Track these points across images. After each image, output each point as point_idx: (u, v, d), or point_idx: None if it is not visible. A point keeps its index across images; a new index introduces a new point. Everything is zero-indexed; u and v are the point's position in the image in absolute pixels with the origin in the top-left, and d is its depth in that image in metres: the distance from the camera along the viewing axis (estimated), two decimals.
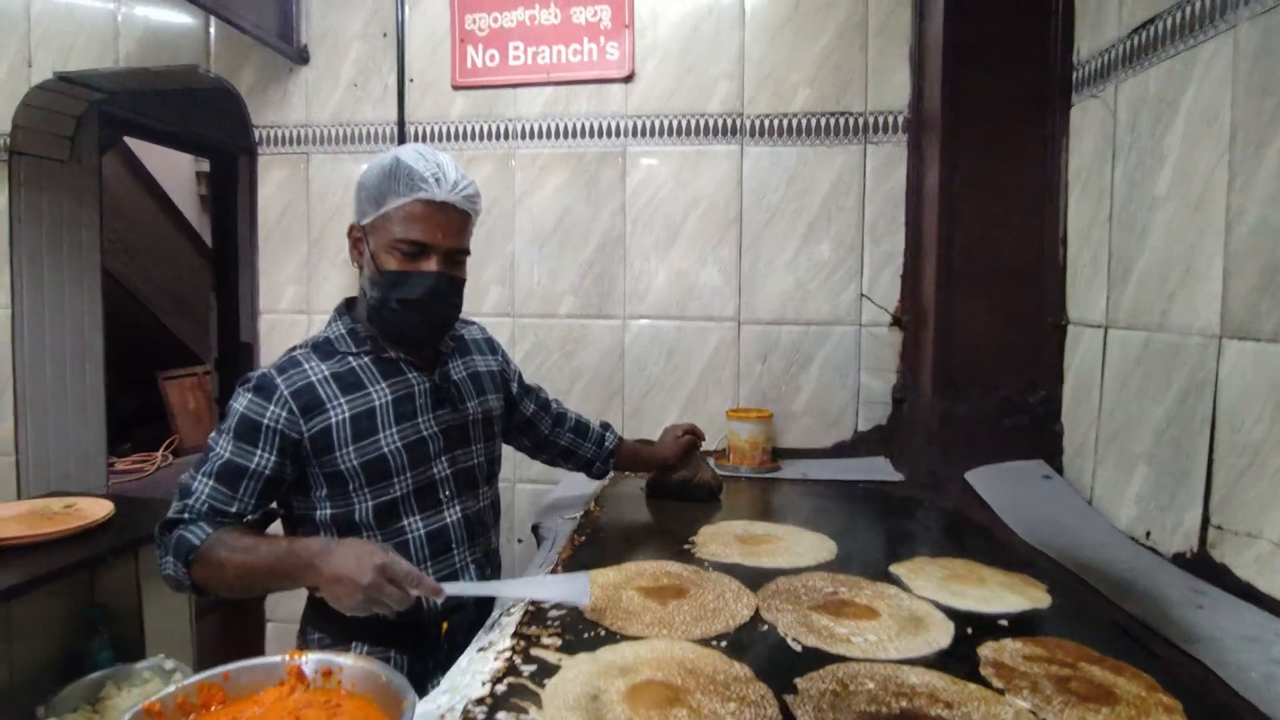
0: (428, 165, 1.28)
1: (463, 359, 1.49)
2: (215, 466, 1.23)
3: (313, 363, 1.31)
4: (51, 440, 2.93)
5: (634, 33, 2.36)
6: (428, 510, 1.35)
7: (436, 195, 1.27)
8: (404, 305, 1.29)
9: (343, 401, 1.29)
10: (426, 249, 1.29)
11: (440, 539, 1.36)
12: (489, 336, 1.63)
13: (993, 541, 1.53)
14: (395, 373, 1.36)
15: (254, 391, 1.27)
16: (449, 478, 1.38)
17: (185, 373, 6.41)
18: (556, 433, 1.74)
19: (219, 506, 1.22)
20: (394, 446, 1.31)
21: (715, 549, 1.42)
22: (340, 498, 1.30)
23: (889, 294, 2.28)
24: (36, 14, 2.69)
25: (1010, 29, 1.91)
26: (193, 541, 1.17)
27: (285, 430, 1.25)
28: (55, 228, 2.95)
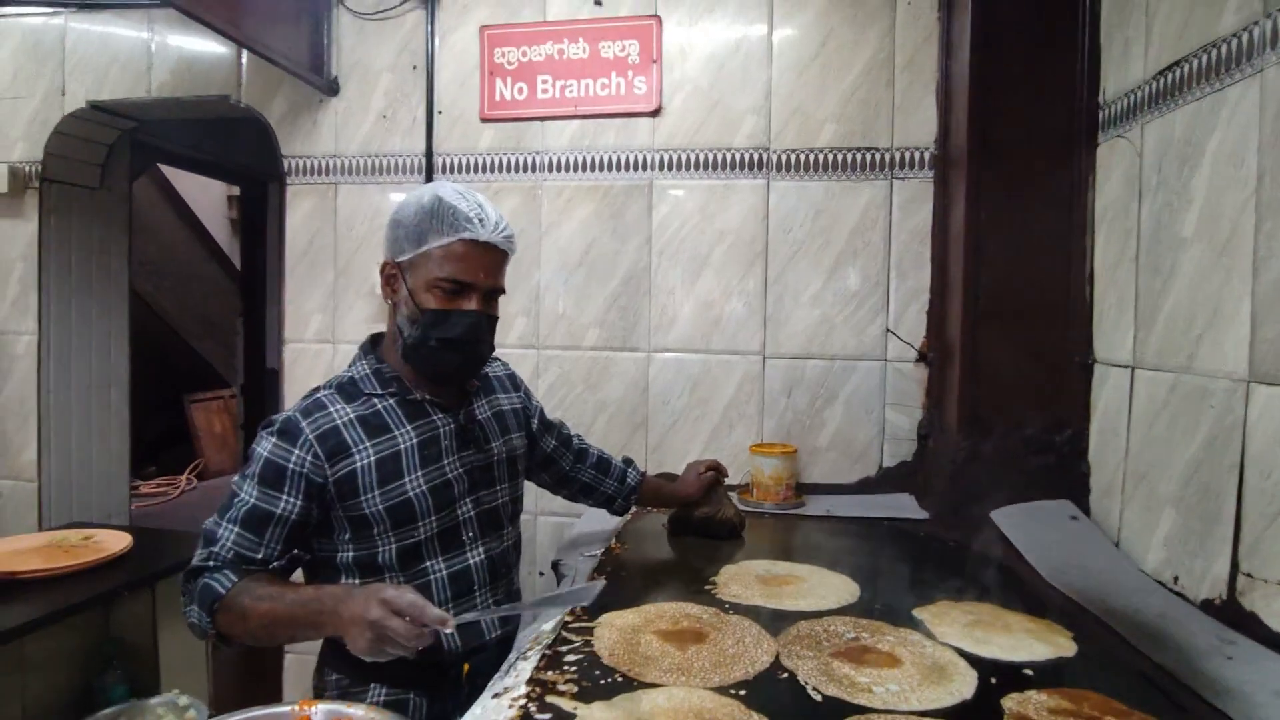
0: (470, 205, 1.32)
1: (487, 398, 1.52)
2: (240, 512, 1.25)
3: (338, 405, 1.34)
4: (74, 466, 3.02)
5: (662, 68, 2.44)
6: (450, 552, 1.38)
7: (480, 235, 1.31)
8: (444, 344, 1.33)
9: (368, 445, 1.31)
10: (468, 288, 1.32)
11: (463, 580, 1.39)
12: (511, 373, 1.67)
13: (1019, 584, 1.55)
14: (420, 415, 1.38)
15: (279, 435, 1.29)
16: (473, 519, 1.41)
17: (211, 396, 6.54)
18: (578, 469, 1.77)
19: (244, 553, 1.24)
20: (419, 490, 1.33)
21: (736, 590, 1.45)
22: (364, 541, 1.32)
23: (915, 330, 2.32)
24: (72, 44, 2.82)
25: (1036, 67, 1.96)
26: (217, 590, 1.19)
27: (310, 475, 1.27)
28: (85, 254, 3.06)
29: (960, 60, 2.08)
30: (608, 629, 1.24)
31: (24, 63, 2.85)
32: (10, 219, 2.85)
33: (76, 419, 3.03)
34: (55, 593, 1.76)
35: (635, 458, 2.32)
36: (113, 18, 2.78)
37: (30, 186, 2.84)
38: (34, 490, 2.86)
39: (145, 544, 2.07)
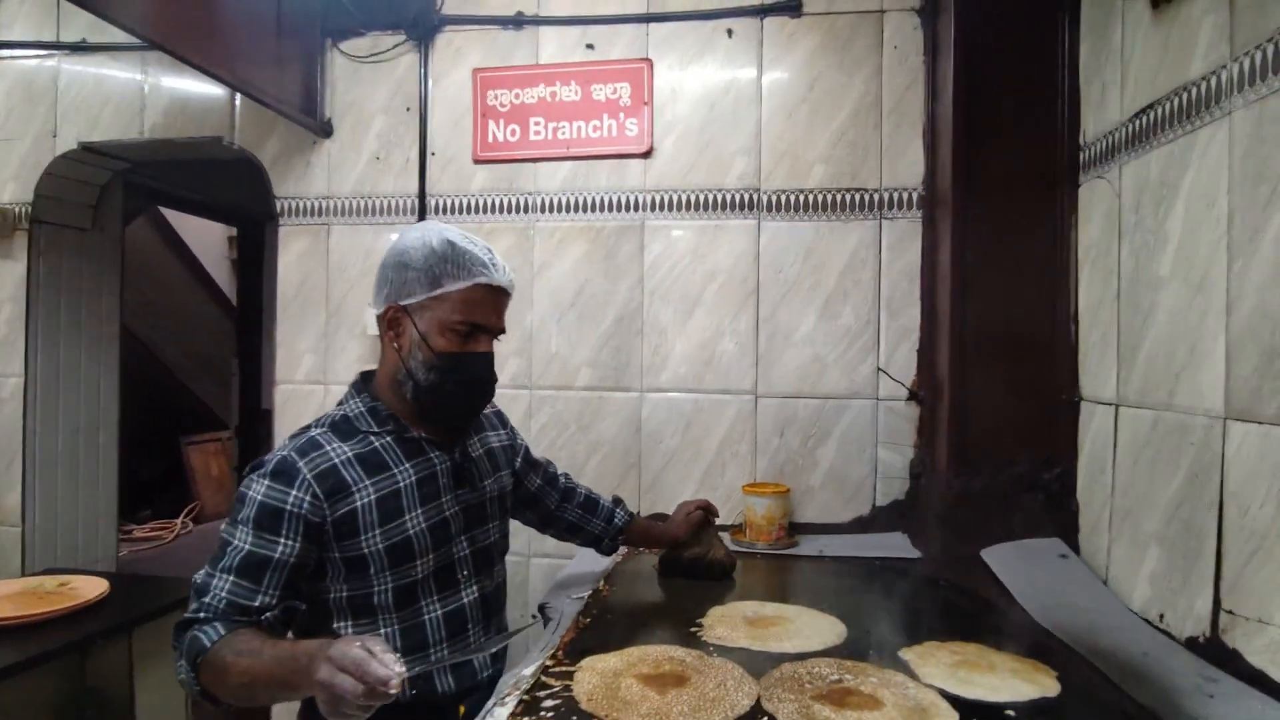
0: (481, 249, 1.39)
1: (478, 435, 1.57)
2: (235, 560, 1.23)
3: (334, 444, 1.35)
4: (60, 511, 3.05)
5: (653, 109, 2.53)
6: (445, 591, 1.41)
7: (495, 279, 1.38)
8: (462, 385, 1.39)
9: (369, 484, 1.33)
10: (482, 330, 1.40)
11: (457, 619, 1.42)
12: (499, 410, 1.72)
13: (1007, 624, 1.58)
14: (418, 452, 1.41)
15: (272, 477, 1.28)
16: (467, 558, 1.45)
17: (209, 438, 6.56)
18: (564, 508, 1.81)
19: (240, 602, 1.21)
20: (419, 528, 1.37)
21: (723, 632, 1.49)
22: (359, 581, 1.33)
23: (906, 368, 2.38)
24: (64, 85, 2.91)
25: (1019, 110, 2.05)
26: (203, 643, 1.16)
27: (309, 515, 1.27)
28: (74, 295, 3.13)
29: (945, 103, 2.17)
30: (588, 673, 1.28)
31: (16, 104, 2.94)
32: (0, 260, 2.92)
33: (63, 462, 3.07)
34: (29, 640, 1.77)
35: (628, 498, 2.39)
36: (106, 60, 2.89)
37: (20, 228, 2.92)
38: (17, 535, 2.89)
39: (123, 590, 2.09)
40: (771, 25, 2.48)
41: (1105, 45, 1.81)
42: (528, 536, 2.56)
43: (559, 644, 1.43)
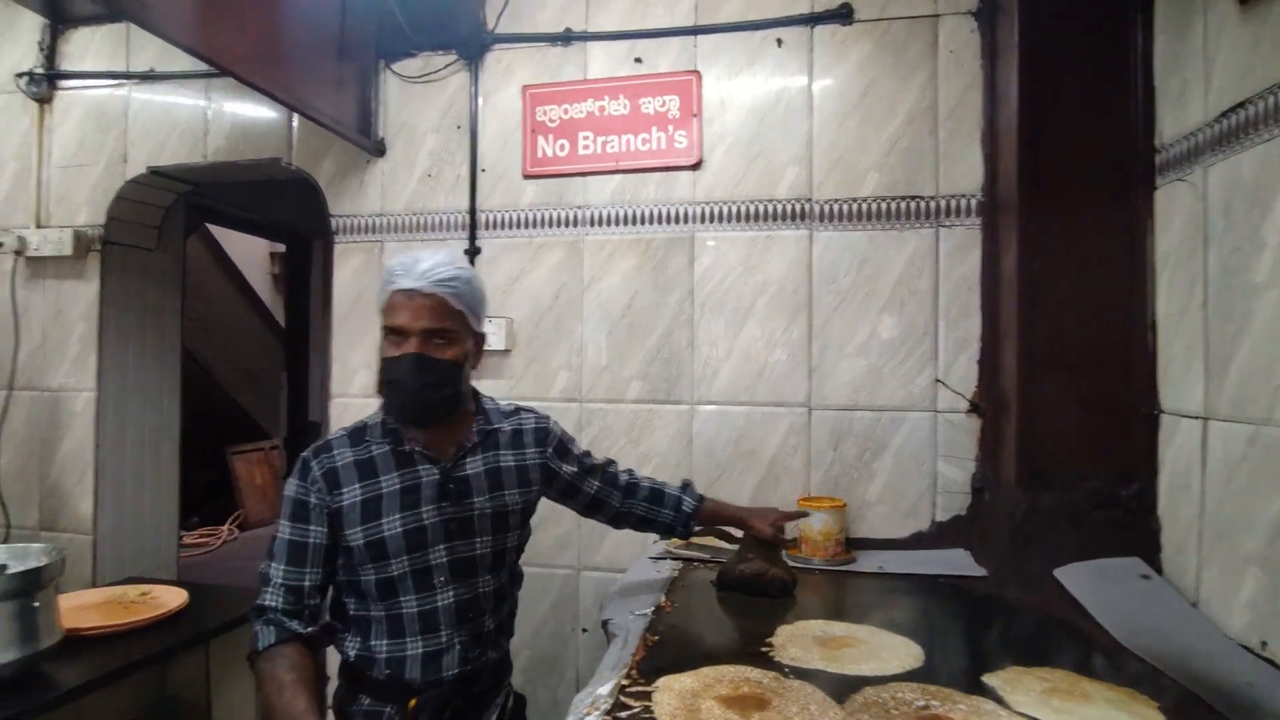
0: (405, 261, 1.48)
1: (484, 454, 1.59)
2: (282, 550, 1.46)
3: (343, 449, 1.52)
4: (127, 519, 3.06)
5: (702, 121, 2.45)
6: (423, 591, 1.49)
7: (403, 284, 1.45)
8: (389, 386, 1.48)
9: (357, 487, 1.48)
10: (403, 333, 1.46)
11: (430, 619, 1.50)
12: (545, 427, 1.71)
13: (1091, 648, 1.46)
14: (407, 464, 1.52)
15: (298, 476, 1.50)
16: (445, 565, 1.51)
17: (252, 447, 6.63)
18: (629, 504, 1.81)
19: (293, 584, 1.44)
20: (394, 532, 1.47)
21: (795, 652, 1.39)
22: (350, 568, 1.49)
23: (966, 379, 2.26)
24: (134, 113, 2.94)
25: (1087, 112, 1.92)
26: (256, 644, 1.40)
27: (320, 504, 1.47)
28: (140, 313, 3.15)
29: (1007, 107, 2.05)
30: (666, 693, 1.19)
31: (89, 132, 2.97)
32: (74, 280, 2.94)
33: (130, 473, 3.08)
34: (114, 650, 1.77)
35: None
36: (173, 87, 2.90)
37: (92, 249, 2.94)
38: (89, 543, 2.90)
39: (199, 600, 2.08)
40: (822, 33, 2.39)
41: (1184, 43, 1.68)
42: (580, 550, 2.49)
43: (631, 662, 1.35)
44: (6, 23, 3.04)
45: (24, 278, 2.98)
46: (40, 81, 2.98)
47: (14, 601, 1.55)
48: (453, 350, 1.49)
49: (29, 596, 1.58)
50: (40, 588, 1.61)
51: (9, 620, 1.54)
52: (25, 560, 1.73)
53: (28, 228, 2.96)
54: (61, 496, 2.93)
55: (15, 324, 2.96)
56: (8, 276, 2.97)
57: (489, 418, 1.63)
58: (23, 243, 2.92)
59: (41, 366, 2.96)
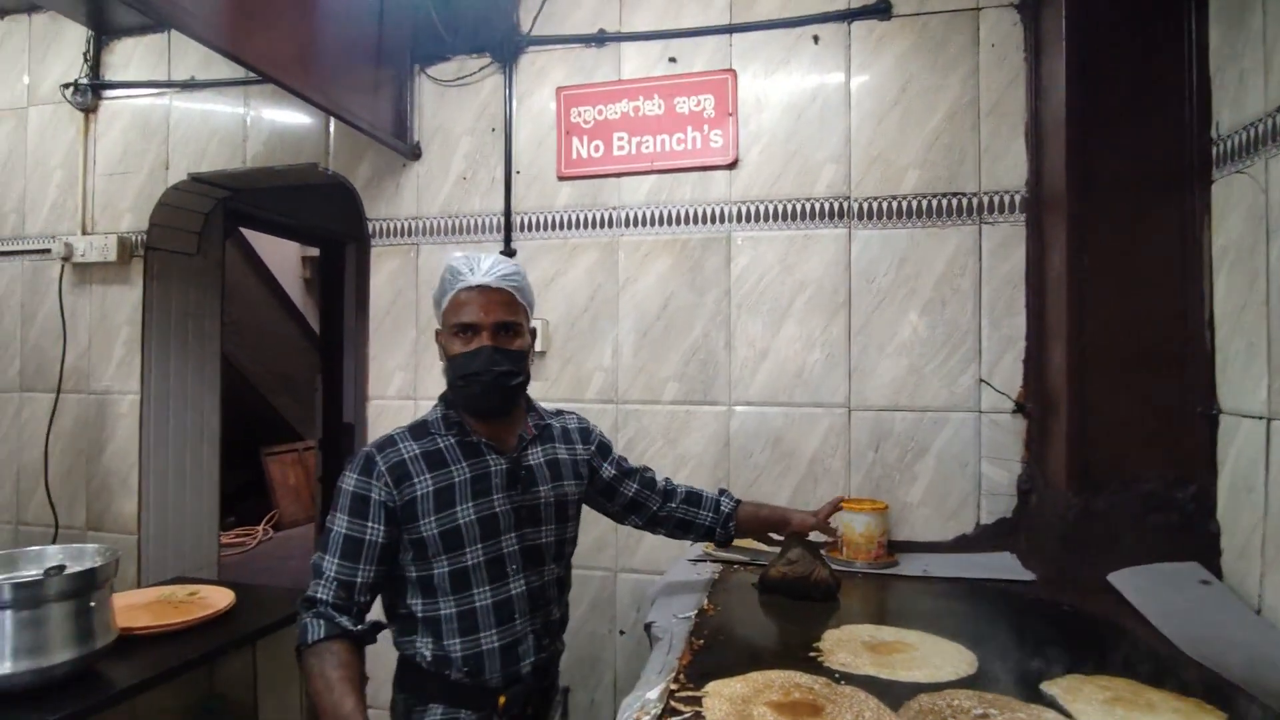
0: (466, 261, 1.54)
1: (543, 446, 1.64)
2: (337, 544, 1.46)
3: (407, 443, 1.53)
4: (170, 519, 3.10)
5: (738, 120, 2.42)
6: (496, 581, 1.50)
7: (472, 281, 1.51)
8: (466, 380, 1.51)
9: (428, 476, 1.49)
10: (473, 328, 1.50)
11: (505, 609, 1.51)
12: (585, 426, 1.77)
13: (1151, 655, 1.41)
14: (476, 454, 1.54)
15: (359, 471, 1.50)
16: (516, 553, 1.53)
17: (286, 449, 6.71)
18: (668, 508, 1.82)
19: (345, 579, 1.44)
20: (468, 519, 1.48)
21: (844, 658, 1.36)
22: (422, 561, 1.49)
23: (1010, 379, 2.20)
24: (175, 121, 2.98)
25: (1138, 104, 1.87)
26: (305, 637, 1.40)
27: (385, 501, 1.47)
28: (182, 317, 3.19)
29: (1053, 101, 2.00)
30: (716, 699, 1.17)
31: (133, 139, 3.02)
32: (118, 285, 2.99)
33: (172, 474, 3.12)
34: (166, 650, 1.79)
35: None
36: (212, 95, 2.93)
37: (136, 255, 2.98)
38: (134, 543, 2.94)
39: (246, 600, 2.10)
40: (860, 29, 2.35)
41: (1242, 32, 1.63)
42: (616, 551, 2.47)
43: (678, 666, 1.33)
44: (52, 35, 3.10)
45: (70, 283, 3.04)
46: (85, 92, 3.03)
47: (71, 601, 1.57)
48: (520, 341, 1.55)
49: (85, 596, 1.60)
50: (96, 588, 1.63)
51: (66, 620, 1.56)
52: (81, 560, 1.75)
53: (74, 234, 3.01)
54: (108, 497, 2.98)
55: (63, 328, 3.02)
56: (55, 282, 3.03)
57: (541, 414, 1.70)
58: (69, 249, 2.98)
59: (88, 370, 3.01)
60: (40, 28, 3.13)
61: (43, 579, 1.56)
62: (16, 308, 3.11)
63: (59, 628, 1.55)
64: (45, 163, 3.11)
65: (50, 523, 3.00)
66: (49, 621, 1.54)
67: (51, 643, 1.54)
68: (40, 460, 3.01)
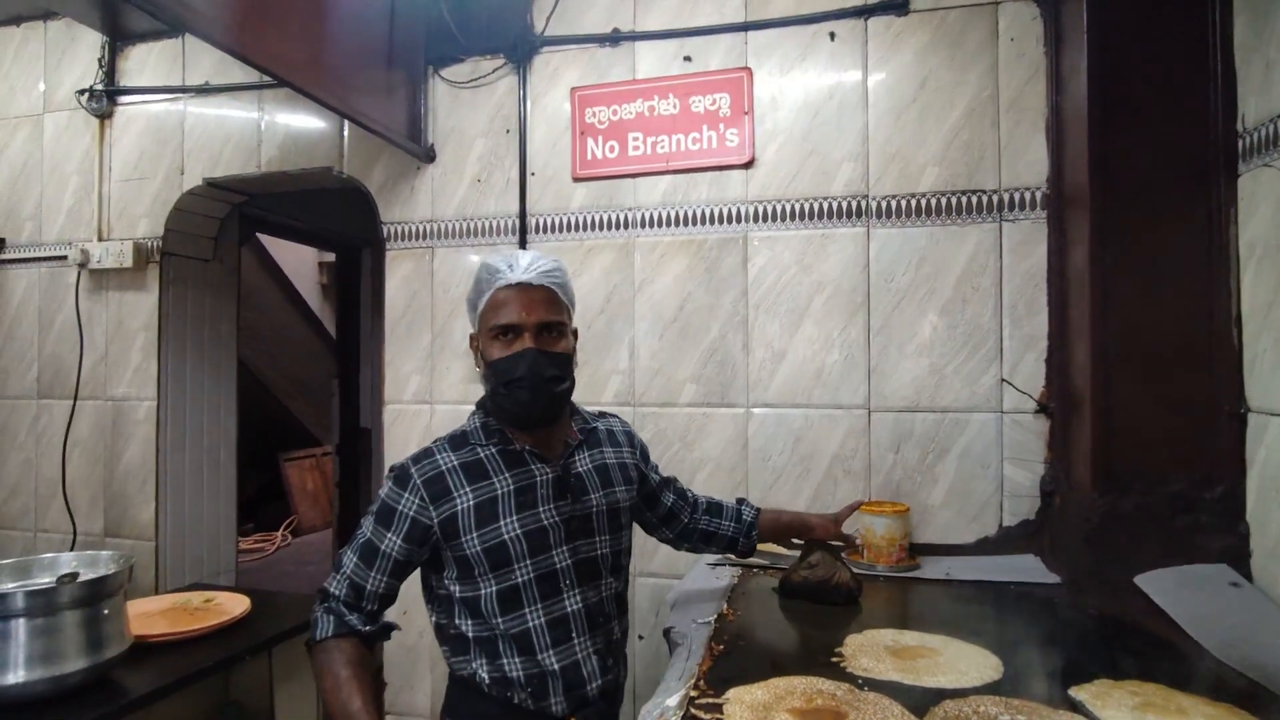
0: (504, 259, 1.46)
1: (590, 451, 1.56)
2: (359, 545, 1.43)
3: (445, 454, 1.46)
4: (188, 525, 3.13)
5: (754, 119, 2.42)
6: (549, 599, 1.42)
7: (512, 278, 1.42)
8: (509, 386, 1.41)
9: (468, 490, 1.41)
10: (517, 329, 1.42)
11: (561, 627, 1.42)
12: (629, 430, 1.70)
13: (1180, 660, 1.40)
14: (519, 464, 1.46)
15: (394, 481, 1.44)
16: (570, 567, 1.44)
17: (304, 454, 6.76)
18: (695, 519, 1.78)
19: (357, 582, 1.41)
20: (514, 534, 1.40)
21: (867, 663, 1.35)
22: (468, 581, 1.42)
23: (1032, 379, 2.19)
24: (190, 126, 3.01)
25: (1161, 97, 1.85)
26: (315, 632, 1.40)
27: (416, 516, 1.40)
28: (198, 323, 3.22)
29: (1075, 95, 1.98)
30: (738, 705, 1.17)
31: (148, 146, 3.05)
32: (134, 292, 3.02)
33: (190, 480, 3.15)
34: (181, 657, 1.80)
35: None
36: (226, 100, 2.96)
37: (151, 261, 3.02)
38: (151, 549, 2.97)
39: (261, 606, 2.11)
40: (876, 25, 2.34)
41: (1268, 22, 1.61)
42: (634, 555, 2.46)
43: (698, 672, 1.33)
44: (67, 41, 3.15)
45: (87, 290, 3.08)
46: (100, 98, 3.07)
47: (84, 609, 1.58)
48: (564, 343, 1.47)
49: (99, 604, 1.61)
50: (109, 595, 1.64)
51: (79, 628, 1.57)
52: (95, 567, 1.77)
53: (90, 241, 3.05)
54: (125, 503, 3.01)
55: (80, 335, 3.06)
56: (71, 289, 3.07)
57: (585, 418, 1.63)
58: (86, 255, 3.01)
59: (105, 376, 3.05)
60: (56, 34, 3.17)
61: (55, 586, 1.57)
62: (33, 315, 3.16)
63: (72, 636, 1.56)
64: (61, 169, 3.15)
65: (68, 529, 3.04)
66: (62, 629, 1.55)
67: (65, 651, 1.55)
68: (58, 467, 3.05)
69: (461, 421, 1.56)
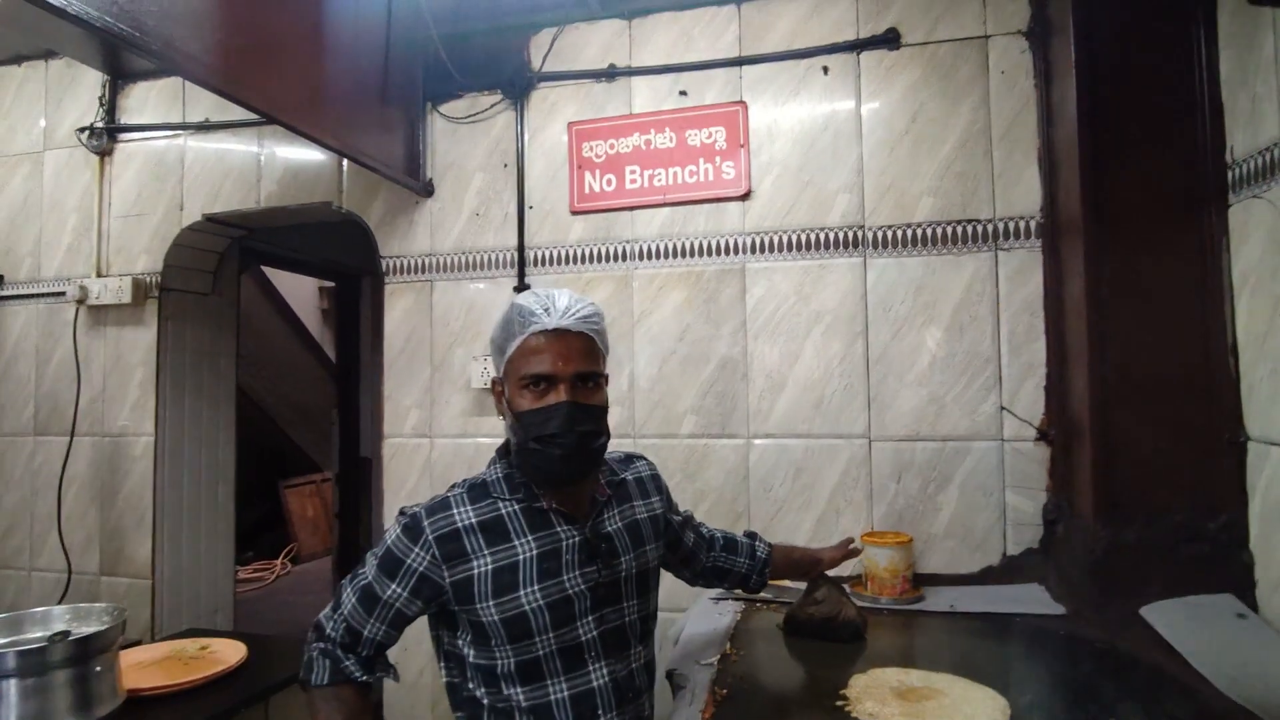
0: (539, 300, 1.34)
1: (619, 508, 1.46)
2: (359, 587, 1.35)
3: (463, 507, 1.34)
4: (185, 563, 3.12)
5: (749, 151, 2.45)
6: (573, 672, 1.32)
7: (548, 324, 1.30)
8: (541, 442, 1.29)
9: (487, 553, 1.31)
10: (551, 380, 1.29)
11: (586, 703, 1.32)
12: (655, 474, 1.60)
13: (1189, 698, 1.39)
14: (544, 525, 1.35)
15: (403, 531, 1.33)
16: (596, 639, 1.34)
17: (304, 481, 6.74)
18: (711, 557, 1.73)
19: (354, 626, 1.34)
20: (536, 605, 1.29)
21: (872, 706, 1.35)
22: (483, 648, 1.31)
23: (1032, 406, 2.20)
24: (190, 162, 3.04)
25: (1149, 129, 1.88)
26: (309, 674, 1.34)
27: (426, 572, 1.30)
28: (197, 357, 3.23)
29: (1066, 126, 2.02)
30: None
31: (147, 182, 3.07)
32: (133, 327, 3.03)
33: (187, 516, 3.14)
34: (175, 711, 1.74)
35: None
36: (226, 135, 2.99)
37: (150, 296, 3.03)
38: (148, 587, 2.95)
39: (258, 653, 2.06)
40: (869, 59, 2.38)
41: (1253, 56, 1.64)
42: None
43: None
44: (68, 80, 3.18)
45: (85, 326, 3.08)
46: (100, 135, 3.10)
47: (76, 667, 1.55)
48: (600, 395, 1.36)
49: (91, 662, 1.57)
50: (101, 651, 1.60)
51: (69, 687, 1.54)
52: (87, 621, 1.74)
53: (89, 276, 3.07)
54: (121, 541, 3.00)
55: (77, 371, 3.06)
56: (70, 325, 3.07)
57: (614, 468, 1.52)
58: (84, 292, 3.02)
59: (102, 412, 3.05)
60: (57, 73, 3.21)
61: (47, 645, 1.54)
62: (31, 351, 3.16)
63: (64, 695, 1.53)
64: (61, 206, 3.17)
65: (63, 568, 3.01)
66: (54, 689, 1.52)
67: (56, 710, 1.52)
68: (53, 505, 3.03)
69: (460, 455, 1.53)
